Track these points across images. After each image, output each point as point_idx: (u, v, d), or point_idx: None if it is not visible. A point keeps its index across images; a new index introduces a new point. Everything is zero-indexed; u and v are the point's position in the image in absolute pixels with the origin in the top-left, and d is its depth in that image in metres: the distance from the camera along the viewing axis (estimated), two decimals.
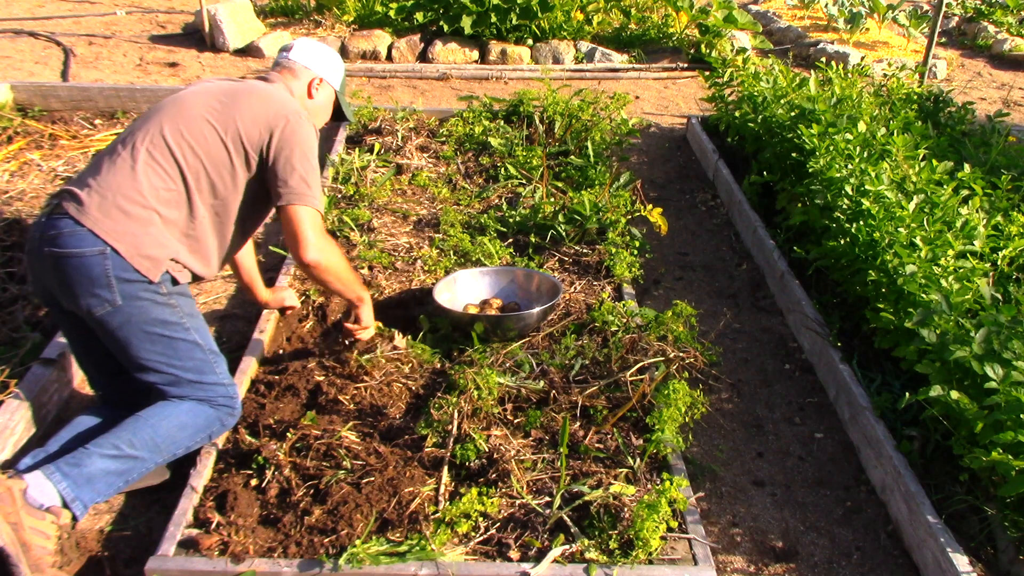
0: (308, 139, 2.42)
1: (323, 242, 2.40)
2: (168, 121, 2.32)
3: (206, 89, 2.45)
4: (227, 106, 2.37)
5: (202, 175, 2.32)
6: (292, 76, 2.61)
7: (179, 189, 2.29)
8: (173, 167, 2.29)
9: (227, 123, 2.34)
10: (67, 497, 2.12)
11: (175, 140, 2.30)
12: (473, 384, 2.55)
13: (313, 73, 2.63)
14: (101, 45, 6.71)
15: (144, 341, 2.25)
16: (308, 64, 2.62)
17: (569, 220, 3.80)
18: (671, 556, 2.15)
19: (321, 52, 2.68)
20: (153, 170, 2.26)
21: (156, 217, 2.25)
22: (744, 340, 3.46)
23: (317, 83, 2.63)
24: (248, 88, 2.47)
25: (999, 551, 2.34)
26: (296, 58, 2.63)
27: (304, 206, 2.35)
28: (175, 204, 2.29)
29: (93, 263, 2.16)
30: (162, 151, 2.28)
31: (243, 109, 2.37)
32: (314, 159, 2.43)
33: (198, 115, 2.34)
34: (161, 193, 2.26)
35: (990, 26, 8.52)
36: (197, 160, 2.30)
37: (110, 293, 2.18)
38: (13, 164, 4.38)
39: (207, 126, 2.33)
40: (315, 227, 2.37)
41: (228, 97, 2.40)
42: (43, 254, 2.21)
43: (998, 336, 2.43)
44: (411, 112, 5.11)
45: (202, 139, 2.32)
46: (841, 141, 3.69)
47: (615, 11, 7.79)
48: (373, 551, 2.08)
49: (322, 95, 2.66)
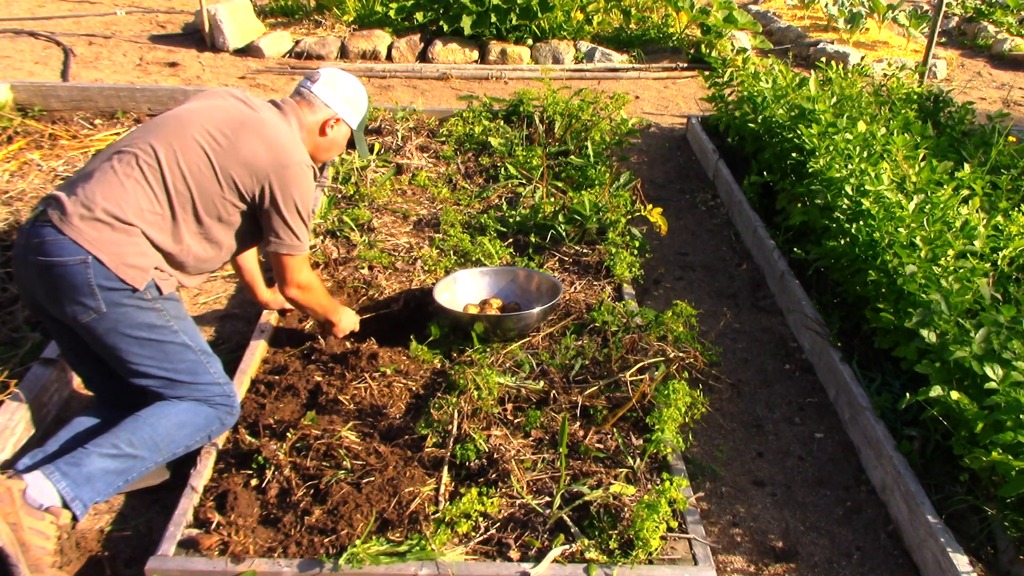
0: (303, 189, 2.44)
1: (305, 281, 2.62)
2: (166, 142, 2.30)
3: (212, 113, 2.39)
4: (230, 141, 2.33)
5: (188, 204, 2.31)
6: (309, 110, 2.56)
7: (165, 214, 2.28)
8: (162, 191, 2.27)
9: (224, 162, 2.32)
10: (67, 496, 2.12)
11: (168, 164, 2.27)
12: (473, 384, 2.55)
13: (331, 112, 2.58)
14: (101, 45, 6.71)
15: (133, 346, 2.24)
16: (329, 102, 2.57)
17: (569, 220, 3.80)
18: (671, 556, 2.15)
19: (345, 90, 2.62)
20: (142, 189, 2.24)
21: (139, 232, 2.23)
22: (744, 340, 3.46)
23: (333, 122, 2.60)
24: (255, 123, 2.40)
25: (999, 551, 2.34)
26: (318, 93, 2.57)
27: (292, 256, 2.52)
28: (159, 227, 2.28)
29: (75, 272, 2.15)
30: (154, 172, 2.26)
31: (243, 151, 2.34)
32: (307, 208, 2.48)
33: (197, 144, 2.31)
34: (147, 215, 2.24)
35: (990, 26, 8.52)
36: (187, 188, 2.29)
37: (94, 301, 2.17)
38: (13, 164, 4.38)
39: (203, 159, 2.31)
40: (299, 271, 2.58)
41: (232, 131, 2.35)
42: (28, 262, 2.20)
43: (998, 336, 2.43)
44: (411, 112, 5.11)
45: (196, 170, 2.30)
46: (841, 141, 3.69)
47: (615, 11, 7.79)
48: (373, 551, 2.08)
49: (336, 134, 2.63)
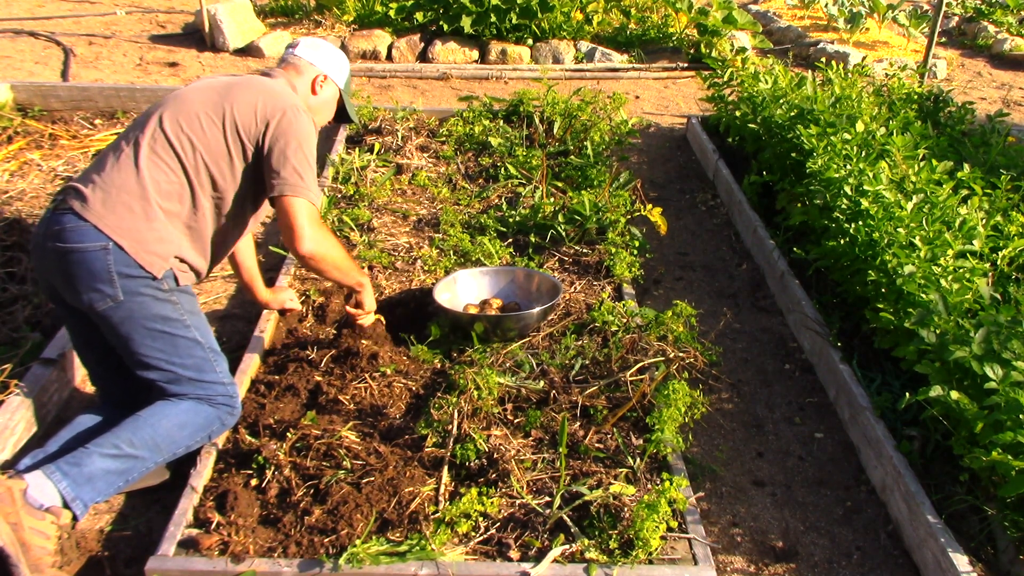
0: (305, 132, 2.42)
1: (318, 233, 2.38)
2: (168, 116, 2.35)
3: (207, 84, 2.47)
4: (224, 97, 2.39)
5: (202, 168, 2.34)
6: (296, 72, 2.61)
7: (181, 182, 2.32)
8: (175, 161, 2.31)
9: (223, 114, 2.36)
10: (67, 496, 2.12)
11: (175, 134, 2.32)
12: (473, 384, 2.55)
13: (318, 70, 2.62)
14: (101, 45, 6.71)
15: (145, 337, 2.26)
16: (313, 61, 2.62)
17: (569, 220, 3.80)
18: (671, 556, 2.15)
19: (327, 50, 2.68)
20: (155, 164, 2.29)
21: (159, 212, 2.27)
22: (744, 340, 3.46)
23: (321, 80, 2.63)
24: (247, 81, 2.48)
25: (999, 551, 2.34)
26: (302, 54, 2.63)
27: (297, 197, 2.34)
28: (177, 197, 2.31)
29: (95, 257, 2.18)
30: (163, 146, 2.31)
31: (239, 100, 2.38)
32: (310, 152, 2.43)
33: (196, 109, 2.36)
34: (163, 186, 2.29)
35: (990, 26, 8.52)
36: (196, 153, 2.32)
37: (112, 288, 2.19)
38: (13, 164, 4.38)
39: (206, 118, 2.35)
40: (310, 218, 2.35)
41: (225, 89, 2.42)
42: (47, 249, 2.23)
43: (997, 336, 2.43)
44: (411, 112, 5.11)
45: (200, 132, 2.33)
46: (839, 141, 3.69)
47: (615, 11, 7.79)
48: (373, 551, 2.08)
49: (326, 92, 2.66)
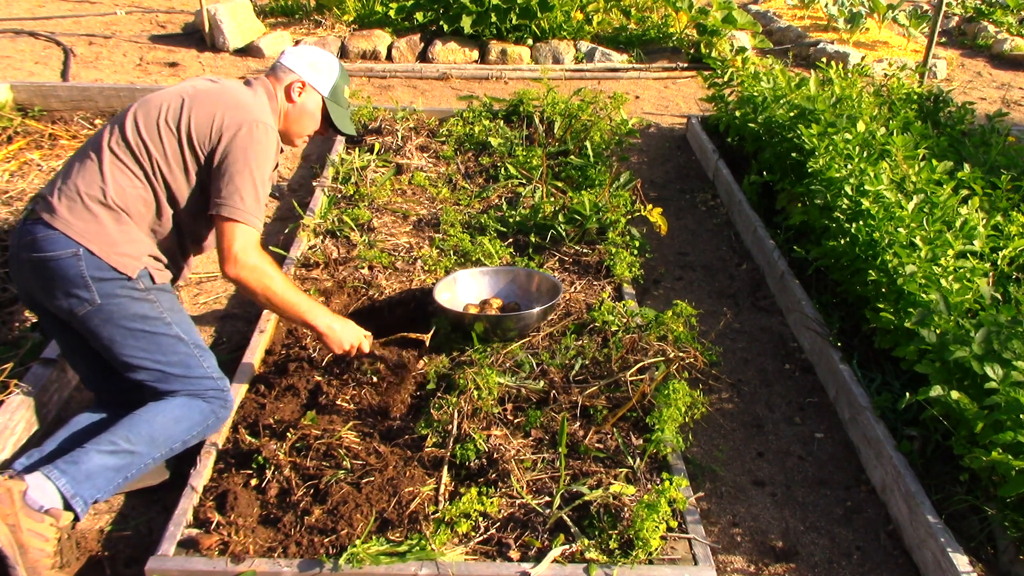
0: (259, 151, 2.35)
1: (252, 260, 2.30)
2: (130, 122, 2.35)
3: (177, 90, 2.44)
4: (185, 105, 2.37)
5: (158, 175, 2.34)
6: (276, 80, 2.58)
7: (145, 187, 2.33)
8: (136, 166, 2.32)
9: (181, 122, 2.35)
10: (67, 494, 2.13)
11: (134, 141, 2.32)
12: (473, 384, 2.55)
13: (296, 76, 2.57)
14: (101, 45, 6.71)
15: (127, 338, 2.27)
16: (293, 67, 2.57)
17: (569, 220, 3.80)
18: (671, 556, 2.15)
19: (312, 57, 2.62)
20: (119, 169, 2.30)
21: (124, 216, 2.29)
22: (744, 340, 3.46)
23: (299, 86, 2.57)
24: (217, 91, 2.44)
25: (999, 551, 2.34)
26: (284, 60, 2.60)
27: (233, 221, 2.28)
28: (142, 202, 2.33)
29: (68, 264, 2.20)
30: (124, 152, 2.32)
31: (199, 111, 2.36)
32: (260, 173, 2.34)
33: (158, 116, 2.36)
34: (128, 191, 2.30)
35: (990, 26, 8.51)
36: (154, 161, 2.33)
37: (88, 292, 2.21)
38: (13, 164, 4.38)
39: (164, 127, 2.34)
40: (243, 243, 2.28)
41: (190, 97, 2.40)
42: (21, 259, 2.27)
43: (998, 336, 2.43)
44: (411, 112, 5.11)
45: (158, 141, 2.33)
46: (840, 141, 3.69)
47: (615, 11, 7.79)
48: (373, 551, 2.08)
49: (304, 100, 2.59)
